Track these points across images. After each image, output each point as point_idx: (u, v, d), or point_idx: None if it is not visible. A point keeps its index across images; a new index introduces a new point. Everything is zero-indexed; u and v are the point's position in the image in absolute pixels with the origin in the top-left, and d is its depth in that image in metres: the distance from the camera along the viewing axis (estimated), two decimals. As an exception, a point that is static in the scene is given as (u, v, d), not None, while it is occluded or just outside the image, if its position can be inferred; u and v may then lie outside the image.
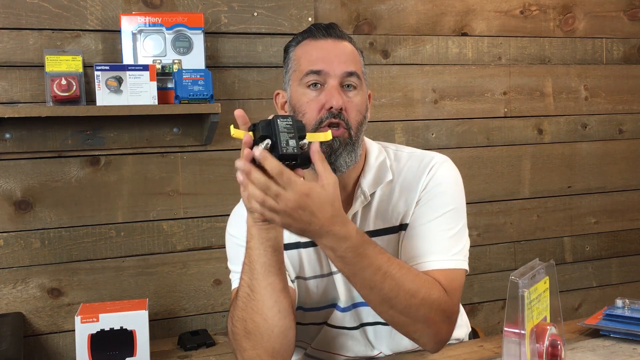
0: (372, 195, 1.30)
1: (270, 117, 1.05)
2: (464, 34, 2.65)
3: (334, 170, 1.20)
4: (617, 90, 2.92)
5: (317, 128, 1.21)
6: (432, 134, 2.60)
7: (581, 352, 1.34)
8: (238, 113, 1.07)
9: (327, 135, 1.11)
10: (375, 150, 1.34)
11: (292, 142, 1.03)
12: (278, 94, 1.35)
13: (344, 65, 1.23)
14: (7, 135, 2.06)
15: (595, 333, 1.45)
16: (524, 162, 2.77)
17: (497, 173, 2.71)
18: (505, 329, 1.03)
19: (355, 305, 1.33)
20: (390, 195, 1.31)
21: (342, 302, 1.32)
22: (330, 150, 1.21)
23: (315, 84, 1.23)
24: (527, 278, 1.03)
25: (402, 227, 1.29)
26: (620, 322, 1.44)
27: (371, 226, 1.30)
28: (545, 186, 2.82)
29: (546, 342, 1.06)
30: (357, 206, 1.29)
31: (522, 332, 1.02)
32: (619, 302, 1.50)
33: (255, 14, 2.31)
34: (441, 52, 2.62)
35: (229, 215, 2.31)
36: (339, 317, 1.34)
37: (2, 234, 2.08)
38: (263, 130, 1.04)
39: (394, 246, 1.30)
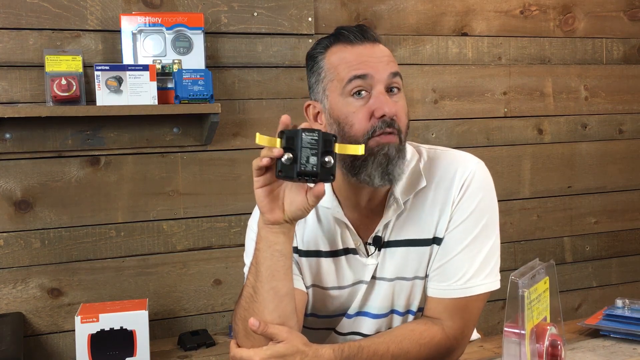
0: (406, 202, 1.25)
1: (298, 127, 1.04)
2: (464, 34, 2.65)
3: (390, 180, 1.17)
4: (617, 90, 2.92)
5: (369, 139, 1.15)
6: (432, 134, 2.60)
7: (581, 352, 1.34)
8: (284, 119, 1.06)
9: (357, 149, 1.07)
10: (408, 153, 1.26)
11: (313, 160, 1.03)
12: (309, 105, 1.25)
13: (387, 67, 1.17)
14: (7, 135, 2.05)
15: (595, 333, 1.45)
16: (524, 162, 2.77)
17: (497, 173, 2.71)
18: (505, 329, 1.03)
19: (358, 314, 1.32)
20: (424, 202, 1.25)
21: (351, 309, 1.31)
22: (387, 160, 1.16)
23: (359, 92, 1.17)
24: (527, 278, 1.03)
25: (435, 240, 1.25)
26: (621, 322, 1.44)
27: (404, 235, 1.26)
28: (545, 186, 2.82)
29: (546, 342, 1.06)
30: (390, 215, 1.24)
31: (522, 332, 1.02)
32: (619, 302, 1.50)
33: (255, 14, 2.31)
34: (441, 52, 2.62)
35: (228, 215, 2.33)
36: (345, 324, 1.33)
37: (2, 234, 2.08)
38: (287, 142, 1.03)
39: (425, 259, 1.26)
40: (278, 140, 1.04)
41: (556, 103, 2.81)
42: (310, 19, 2.37)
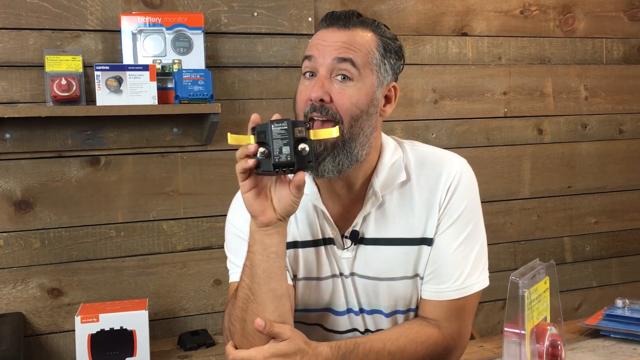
0: (388, 197, 1.24)
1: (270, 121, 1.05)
2: (464, 34, 2.65)
3: (317, 174, 1.16)
4: (617, 90, 2.92)
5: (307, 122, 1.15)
6: (432, 134, 2.60)
7: (581, 352, 1.34)
8: (253, 117, 1.06)
9: (330, 132, 1.07)
10: (390, 147, 1.26)
11: (286, 149, 1.03)
12: None
13: (335, 52, 1.15)
14: (7, 135, 2.05)
15: (595, 333, 1.45)
16: (524, 162, 2.77)
17: (497, 173, 2.71)
18: (506, 329, 1.03)
19: (348, 311, 1.30)
20: (409, 201, 1.24)
21: (338, 306, 1.30)
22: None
23: (311, 74, 1.17)
24: (528, 278, 1.03)
25: (424, 241, 1.24)
26: (621, 322, 1.44)
27: (389, 234, 1.24)
28: (545, 186, 2.82)
29: (546, 342, 1.06)
30: (369, 208, 1.23)
31: (523, 332, 1.02)
32: (619, 303, 1.50)
33: (255, 14, 2.31)
34: (441, 52, 2.62)
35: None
36: (335, 321, 1.32)
37: (2, 234, 2.08)
38: (259, 137, 1.04)
39: (413, 259, 1.25)
40: (251, 137, 1.04)
41: (556, 103, 2.81)
42: (310, 19, 2.37)
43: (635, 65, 2.95)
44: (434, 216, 1.23)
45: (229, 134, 1.06)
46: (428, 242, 1.24)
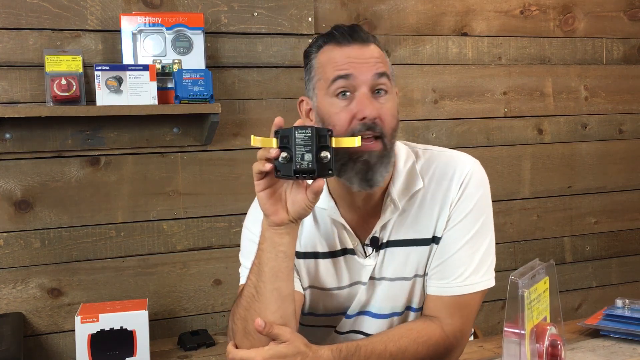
0: (404, 203, 1.26)
1: (293, 125, 1.05)
2: (464, 34, 2.65)
3: (371, 185, 1.17)
4: (617, 90, 2.92)
5: None
6: (432, 134, 2.60)
7: (581, 352, 1.34)
8: (277, 121, 1.07)
9: (352, 141, 1.07)
10: (403, 154, 1.28)
11: (308, 157, 1.03)
12: (302, 100, 1.27)
13: (373, 67, 1.17)
14: (7, 135, 2.05)
15: (595, 333, 1.45)
16: (524, 162, 2.77)
17: (497, 173, 2.71)
18: (505, 329, 1.03)
19: (359, 314, 1.32)
20: (422, 203, 1.26)
21: (351, 310, 1.31)
22: (366, 167, 1.15)
23: (344, 93, 1.16)
24: (527, 278, 1.03)
25: (434, 240, 1.26)
26: (620, 322, 1.44)
27: (403, 235, 1.26)
28: (545, 186, 2.82)
29: (546, 342, 1.06)
30: (388, 216, 1.25)
31: (522, 332, 1.02)
32: (619, 302, 1.50)
33: (255, 14, 2.31)
34: (441, 52, 2.62)
35: (228, 215, 2.33)
36: (345, 323, 1.34)
37: (2, 234, 2.08)
38: (281, 142, 1.04)
39: (425, 258, 1.27)
40: (274, 140, 1.05)
41: (556, 103, 2.81)
42: (310, 19, 2.37)
43: (635, 65, 2.95)
44: (444, 214, 1.25)
45: (252, 135, 1.06)
46: (437, 240, 1.26)
